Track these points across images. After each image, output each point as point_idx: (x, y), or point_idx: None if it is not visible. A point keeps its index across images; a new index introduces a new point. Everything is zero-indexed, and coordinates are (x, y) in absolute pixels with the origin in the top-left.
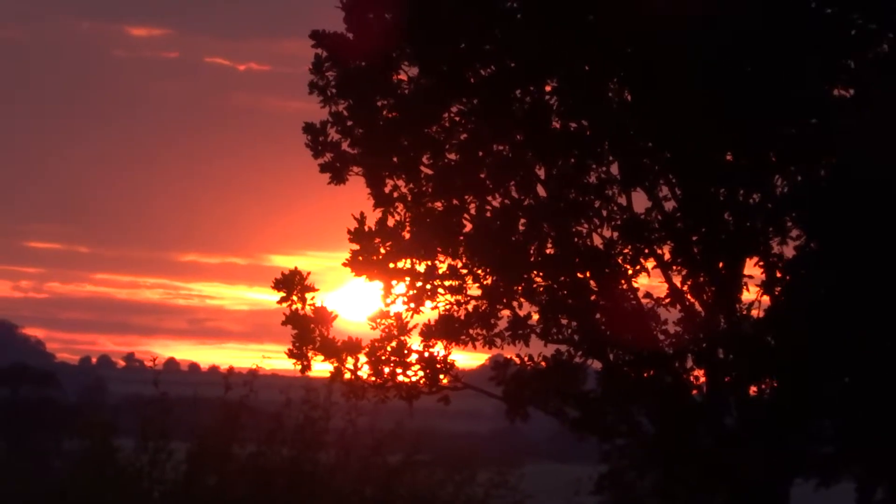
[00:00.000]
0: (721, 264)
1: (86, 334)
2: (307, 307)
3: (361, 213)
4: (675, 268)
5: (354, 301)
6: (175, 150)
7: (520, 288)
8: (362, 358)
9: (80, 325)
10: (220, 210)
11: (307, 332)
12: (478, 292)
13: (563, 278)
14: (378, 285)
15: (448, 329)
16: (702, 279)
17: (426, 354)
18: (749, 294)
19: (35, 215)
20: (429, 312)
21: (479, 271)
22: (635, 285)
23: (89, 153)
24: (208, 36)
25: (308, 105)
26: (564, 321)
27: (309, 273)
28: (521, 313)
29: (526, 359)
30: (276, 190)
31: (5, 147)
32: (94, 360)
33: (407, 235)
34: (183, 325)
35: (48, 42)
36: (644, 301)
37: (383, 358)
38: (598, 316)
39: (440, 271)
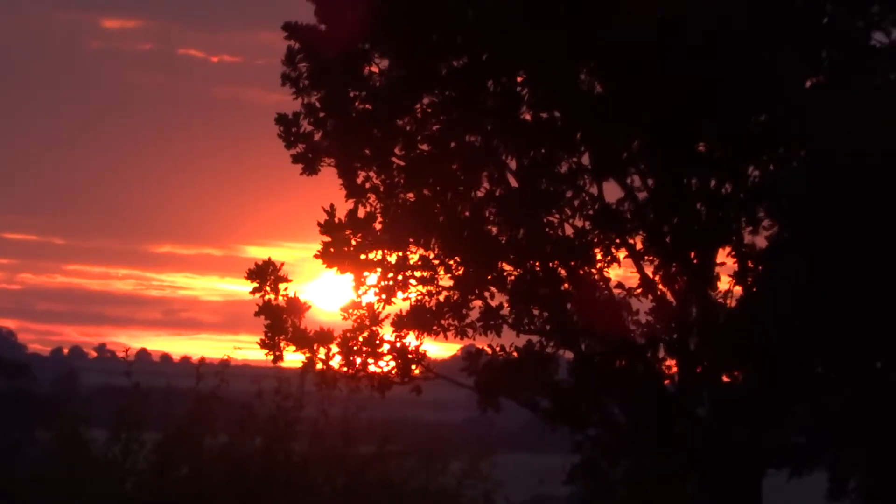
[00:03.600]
0: (693, 254)
1: (58, 325)
2: (280, 298)
3: (331, 205)
4: (647, 258)
5: (330, 292)
6: (150, 142)
7: (491, 277)
8: (334, 348)
9: (52, 316)
10: (196, 201)
11: (279, 322)
12: (449, 283)
13: (534, 268)
14: (350, 276)
15: (420, 319)
16: (674, 269)
17: (398, 345)
18: (722, 284)
19: (6, 206)
20: (401, 303)
21: (451, 262)
22: (607, 275)
23: (63, 144)
24: (180, 27)
25: (284, 97)
26: (536, 311)
27: (282, 264)
28: (493, 304)
29: (498, 349)
30: (253, 181)
31: None
32: (66, 350)
33: (379, 227)
34: (156, 315)
35: (20, 33)
36: (616, 291)
37: (355, 348)
38: (569, 306)
39: (412, 262)
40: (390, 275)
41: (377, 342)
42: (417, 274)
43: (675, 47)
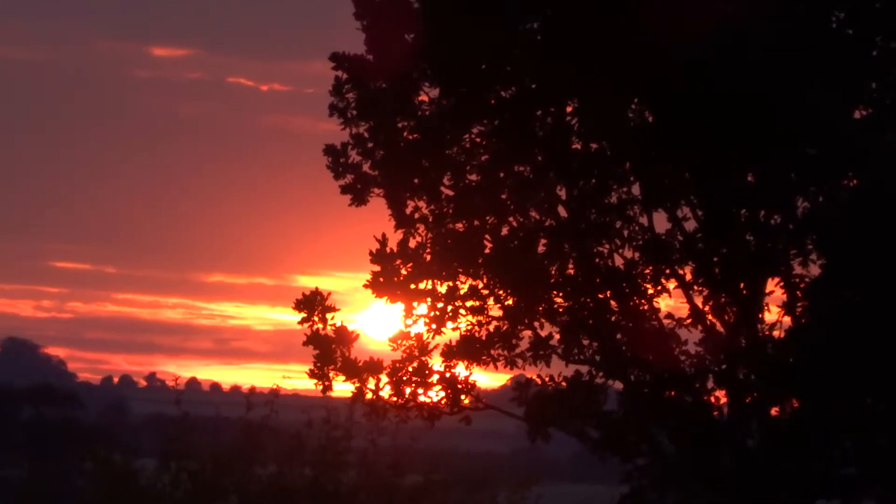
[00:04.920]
0: (742, 285)
1: (108, 354)
2: (328, 327)
3: (383, 235)
4: (696, 288)
5: (381, 321)
6: (200, 171)
7: (541, 308)
8: (384, 378)
9: (102, 344)
10: (247, 230)
11: (328, 352)
12: (499, 313)
13: (584, 298)
14: (400, 306)
15: (469, 349)
16: (723, 300)
17: (447, 375)
18: (771, 315)
19: (56, 235)
20: (450, 333)
21: (501, 292)
22: (656, 306)
23: (113, 173)
24: (230, 56)
25: (333, 126)
26: (586, 342)
27: (330, 293)
28: (543, 334)
29: (547, 379)
30: (304, 210)
31: (29, 167)
32: (115, 379)
33: (428, 256)
34: (206, 344)
35: (70, 62)
36: (665, 321)
37: (404, 378)
38: (619, 336)
39: (461, 292)
40: (440, 304)
41: (426, 372)
42: (467, 304)
43: (721, 80)
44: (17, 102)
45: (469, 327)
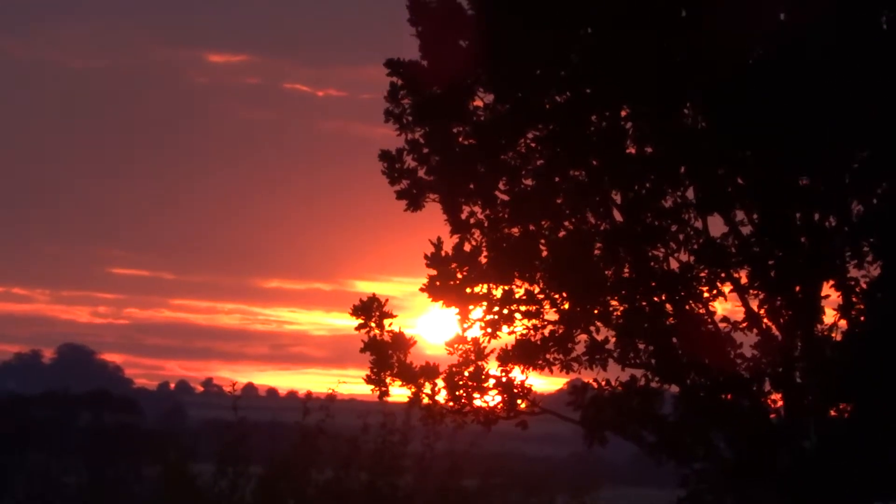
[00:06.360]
0: (798, 288)
1: (164, 360)
2: (385, 333)
3: (438, 239)
4: (752, 291)
5: (438, 326)
6: (257, 177)
7: (596, 312)
8: (440, 383)
9: (158, 350)
10: (304, 236)
11: (385, 357)
12: (555, 317)
13: (639, 302)
14: (455, 310)
15: (525, 354)
16: (779, 303)
17: (504, 379)
18: (828, 318)
19: (115, 242)
20: (506, 337)
21: (556, 296)
22: (712, 309)
23: (170, 180)
24: (285, 62)
25: (390, 131)
26: (641, 345)
27: (387, 299)
28: (599, 338)
29: (604, 383)
30: (362, 215)
31: (86, 174)
32: (172, 385)
33: (484, 261)
34: (263, 350)
35: (127, 70)
36: (721, 325)
37: (461, 383)
38: (675, 340)
39: (517, 296)
40: (495, 309)
41: (483, 376)
42: (523, 308)
43: (775, 83)
44: (74, 110)
45: (525, 331)
